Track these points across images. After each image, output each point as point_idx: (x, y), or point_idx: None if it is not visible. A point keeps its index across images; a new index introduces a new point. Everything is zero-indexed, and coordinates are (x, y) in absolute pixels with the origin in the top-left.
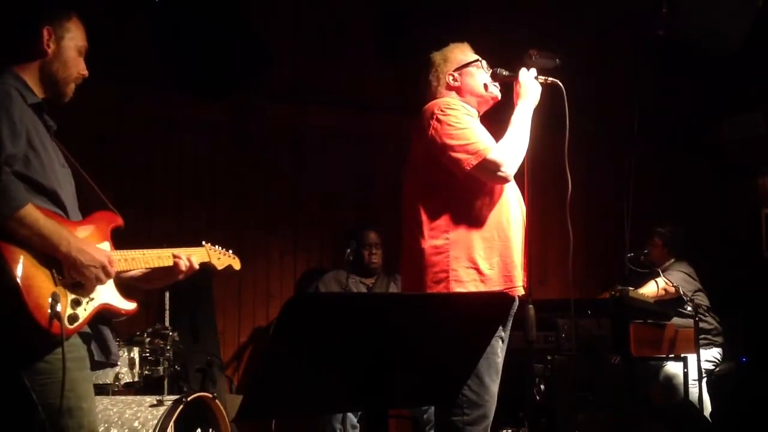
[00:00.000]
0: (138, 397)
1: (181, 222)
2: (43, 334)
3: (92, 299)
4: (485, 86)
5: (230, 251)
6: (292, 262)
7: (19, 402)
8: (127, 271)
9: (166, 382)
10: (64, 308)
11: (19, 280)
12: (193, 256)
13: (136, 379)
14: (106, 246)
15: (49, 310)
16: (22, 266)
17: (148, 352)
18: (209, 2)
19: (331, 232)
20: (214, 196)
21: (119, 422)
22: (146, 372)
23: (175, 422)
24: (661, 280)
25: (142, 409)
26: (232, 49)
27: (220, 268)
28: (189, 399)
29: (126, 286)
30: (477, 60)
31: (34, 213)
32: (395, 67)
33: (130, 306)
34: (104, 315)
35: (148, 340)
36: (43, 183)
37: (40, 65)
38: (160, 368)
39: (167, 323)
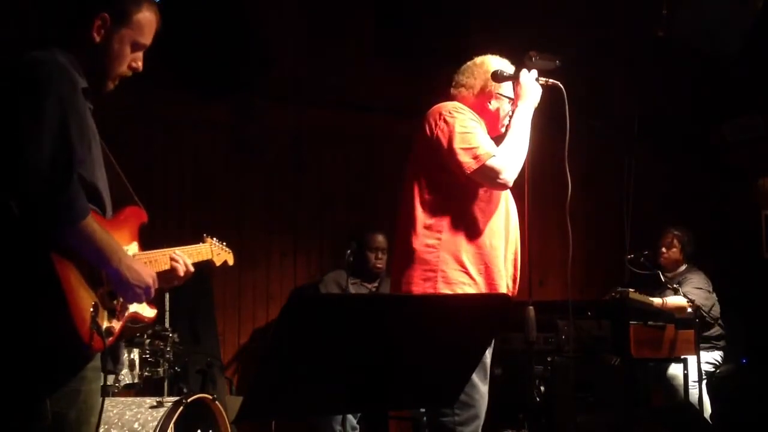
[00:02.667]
0: (138, 398)
1: (181, 222)
2: (83, 348)
3: (126, 309)
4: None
5: (224, 244)
6: (292, 263)
7: (26, 405)
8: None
9: (166, 384)
10: (102, 321)
11: (67, 295)
12: (190, 256)
13: (136, 380)
14: (134, 247)
15: (91, 324)
16: (70, 279)
17: (148, 354)
18: (209, 2)
19: (331, 233)
20: (214, 196)
21: (119, 423)
22: (146, 373)
23: (175, 423)
24: (691, 294)
25: (142, 410)
26: (232, 48)
27: (218, 263)
28: (189, 400)
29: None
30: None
31: (92, 224)
32: (395, 68)
33: (152, 313)
34: (128, 323)
35: (148, 341)
36: (87, 179)
37: (85, 53)
38: (160, 370)
39: (167, 324)
